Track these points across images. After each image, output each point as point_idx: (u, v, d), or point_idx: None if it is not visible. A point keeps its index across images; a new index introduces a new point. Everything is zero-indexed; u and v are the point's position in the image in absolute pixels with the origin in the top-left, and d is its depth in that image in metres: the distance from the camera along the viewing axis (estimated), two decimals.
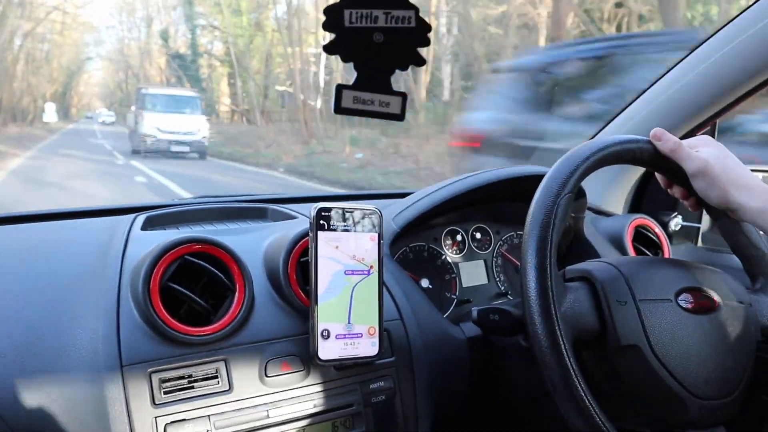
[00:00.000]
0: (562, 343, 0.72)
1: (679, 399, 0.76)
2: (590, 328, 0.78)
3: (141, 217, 1.06)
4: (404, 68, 0.66)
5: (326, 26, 0.64)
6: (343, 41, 0.65)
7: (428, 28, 0.65)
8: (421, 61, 0.66)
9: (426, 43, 0.66)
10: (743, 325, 0.82)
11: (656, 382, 0.76)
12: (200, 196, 1.36)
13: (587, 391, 0.71)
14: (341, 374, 0.89)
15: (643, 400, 0.78)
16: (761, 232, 0.88)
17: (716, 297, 0.82)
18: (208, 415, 0.80)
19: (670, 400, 0.77)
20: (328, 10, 0.64)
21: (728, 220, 0.88)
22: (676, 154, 0.83)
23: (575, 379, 0.71)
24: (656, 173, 0.91)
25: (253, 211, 1.19)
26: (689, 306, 0.80)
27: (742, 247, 0.90)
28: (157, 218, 1.08)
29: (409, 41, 0.66)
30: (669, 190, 0.91)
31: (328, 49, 0.65)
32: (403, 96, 0.68)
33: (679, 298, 0.80)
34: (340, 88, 0.67)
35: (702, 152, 0.83)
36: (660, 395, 0.77)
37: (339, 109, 0.67)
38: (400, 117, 0.68)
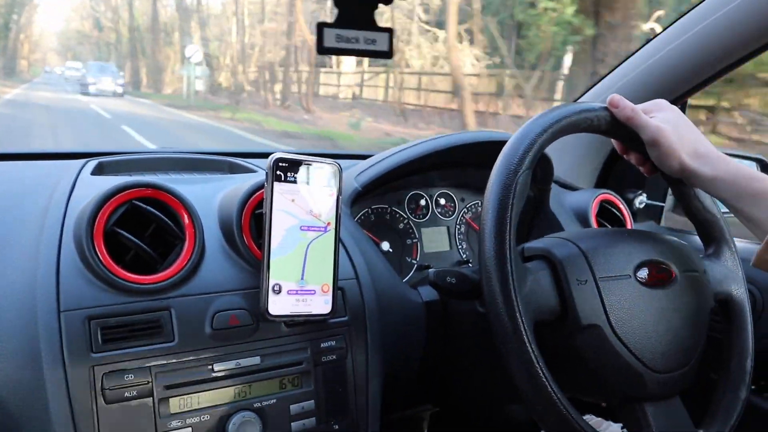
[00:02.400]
0: (523, 329, 0.71)
1: (638, 374, 0.77)
2: (551, 308, 0.77)
3: (92, 163, 1.01)
4: (388, 2, 0.63)
5: None
6: None
7: None
8: None
9: None
10: (698, 295, 0.83)
11: (615, 358, 0.76)
12: (159, 148, 1.31)
13: (549, 377, 0.71)
14: (291, 331, 0.87)
15: (602, 376, 0.78)
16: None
17: (673, 268, 0.82)
18: (149, 366, 0.77)
19: (629, 376, 0.77)
20: None
21: (682, 186, 0.88)
22: (632, 121, 0.82)
23: (537, 365, 0.71)
24: (612, 140, 0.90)
25: (212, 163, 1.15)
26: (647, 280, 0.80)
27: (696, 213, 0.90)
28: (110, 165, 1.04)
29: None
30: (625, 156, 0.91)
31: None
32: (390, 31, 0.65)
33: (638, 272, 0.80)
34: (321, 26, 0.63)
35: (657, 118, 0.82)
36: (619, 371, 0.77)
37: (322, 49, 0.64)
38: (388, 54, 0.66)
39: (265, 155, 1.23)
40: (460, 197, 1.29)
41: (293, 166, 0.82)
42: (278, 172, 0.81)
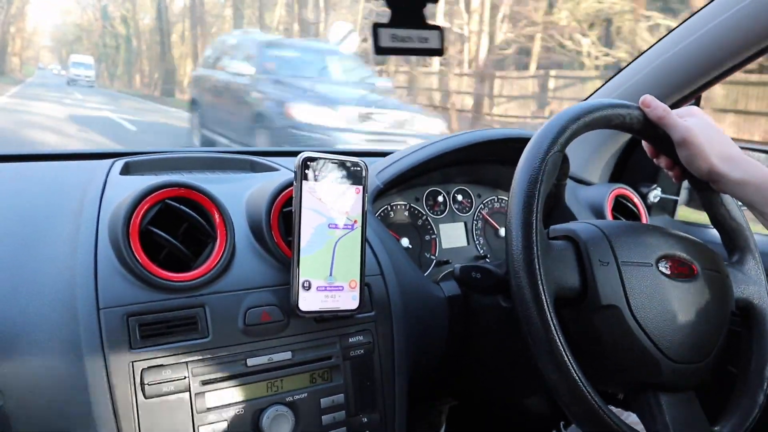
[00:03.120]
0: (544, 297, 0.72)
1: (654, 360, 0.78)
2: (572, 285, 0.79)
3: (120, 162, 1.03)
4: (435, 1, 0.65)
5: None
6: None
7: None
8: None
9: None
10: (719, 295, 0.84)
11: (632, 342, 0.77)
12: (184, 148, 1.33)
13: (566, 347, 0.72)
14: (321, 326, 0.89)
15: (619, 360, 0.79)
16: (741, 206, 0.90)
17: (695, 265, 0.83)
18: (186, 362, 0.79)
19: (645, 361, 0.78)
20: None
21: (710, 192, 0.89)
22: (664, 121, 0.83)
23: (555, 334, 0.72)
24: (643, 141, 0.91)
25: (236, 162, 1.17)
26: (669, 272, 0.81)
27: (722, 220, 0.91)
28: (136, 164, 1.06)
29: None
30: (655, 160, 0.92)
31: None
32: (440, 29, 0.66)
33: (660, 263, 0.81)
34: (376, 27, 0.65)
35: (688, 121, 0.83)
36: (635, 355, 0.78)
37: (379, 49, 0.65)
38: (440, 51, 0.67)
39: (286, 153, 1.26)
40: (476, 193, 1.31)
41: (320, 164, 0.84)
42: (306, 171, 0.83)
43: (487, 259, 1.28)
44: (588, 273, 0.78)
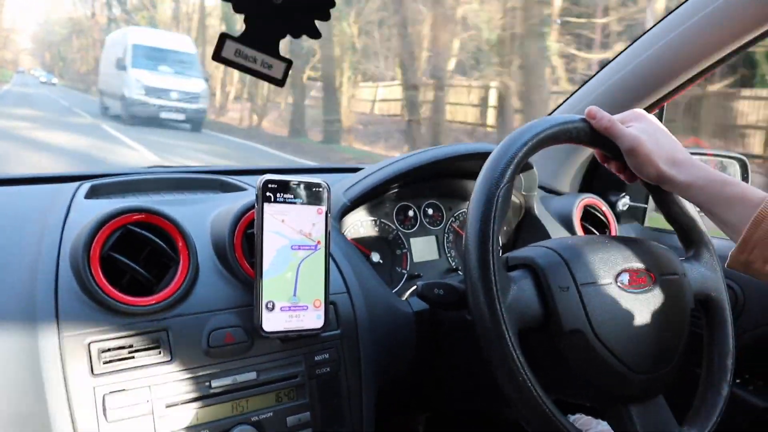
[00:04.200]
0: (508, 336, 0.73)
1: (621, 376, 0.79)
2: (534, 315, 0.80)
3: (85, 185, 1.04)
4: (297, 36, 0.64)
5: None
6: None
7: (332, 3, 0.64)
8: (316, 34, 0.64)
9: (326, 17, 0.64)
10: (678, 297, 0.86)
11: (599, 362, 0.79)
12: (150, 167, 1.33)
13: (534, 381, 0.74)
14: (285, 346, 0.89)
15: (586, 378, 0.81)
16: None
17: (653, 272, 0.85)
18: (149, 386, 0.80)
19: (612, 378, 0.80)
20: None
21: (662, 192, 0.91)
22: (610, 131, 0.85)
23: (522, 371, 0.73)
24: (594, 150, 0.93)
25: (203, 182, 1.17)
26: (628, 285, 0.83)
27: (675, 217, 0.93)
28: (103, 187, 1.06)
29: (309, 11, 0.64)
30: (605, 165, 0.94)
31: None
32: (288, 62, 0.65)
33: (618, 278, 0.83)
34: (223, 37, 0.63)
35: (634, 128, 0.85)
36: (603, 373, 0.80)
37: (218, 58, 0.63)
38: (280, 82, 0.66)
39: (255, 172, 1.26)
40: (447, 206, 1.32)
41: (282, 186, 0.85)
42: (267, 194, 0.84)
43: (459, 272, 1.29)
44: (549, 300, 0.80)
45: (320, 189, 0.88)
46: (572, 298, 0.80)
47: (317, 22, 0.65)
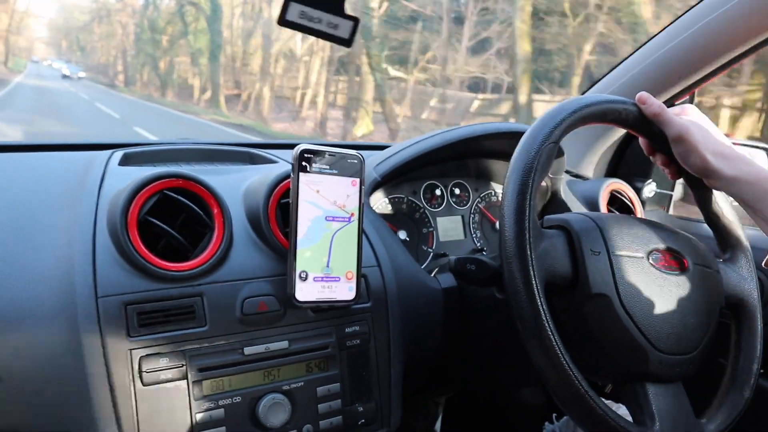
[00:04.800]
0: (534, 282, 0.73)
1: (642, 349, 0.79)
2: (563, 273, 0.80)
3: (119, 153, 1.04)
4: None
5: None
6: None
7: None
8: None
9: None
10: (709, 289, 0.85)
11: (621, 331, 0.79)
12: (181, 139, 1.34)
13: (555, 332, 0.73)
14: (317, 317, 0.90)
15: (607, 348, 0.81)
16: (734, 203, 0.91)
17: (686, 259, 0.85)
18: (183, 350, 0.80)
19: (633, 350, 0.79)
20: None
21: (704, 189, 0.90)
22: (659, 118, 0.85)
23: (544, 319, 0.73)
24: (640, 139, 0.92)
25: (234, 154, 1.18)
26: (660, 264, 0.83)
27: (714, 218, 0.92)
28: (136, 155, 1.07)
29: None
30: (651, 157, 0.93)
31: None
32: (355, 20, 0.65)
33: (651, 256, 0.83)
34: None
35: (684, 119, 0.85)
36: (623, 344, 0.79)
37: (283, 21, 0.63)
38: (348, 42, 0.66)
39: (285, 146, 1.27)
40: (474, 187, 1.32)
41: (318, 157, 0.85)
42: (303, 163, 0.84)
43: (484, 252, 1.29)
44: (579, 262, 0.80)
45: (356, 161, 0.88)
46: (602, 263, 0.80)
47: None
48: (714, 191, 0.90)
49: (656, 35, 1.32)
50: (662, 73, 1.29)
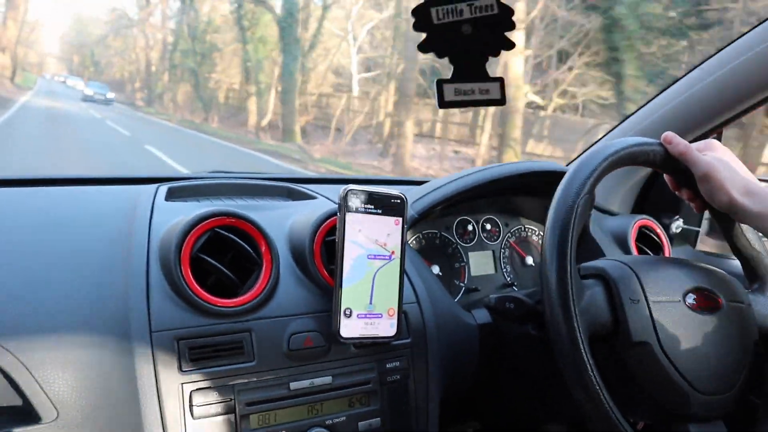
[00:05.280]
0: (580, 338, 0.76)
1: (683, 393, 0.81)
2: (604, 323, 0.83)
3: (163, 188, 1.07)
4: (496, 54, 0.69)
5: (417, 27, 0.67)
6: (435, 38, 0.68)
7: (511, 12, 0.68)
8: (510, 45, 0.69)
9: (511, 26, 0.69)
10: (743, 325, 0.87)
11: (663, 376, 0.81)
12: (216, 171, 1.37)
13: (601, 384, 0.76)
14: (359, 352, 0.92)
15: (649, 393, 0.82)
16: (761, 236, 0.92)
17: (720, 297, 0.87)
18: (232, 384, 0.83)
19: (675, 394, 0.81)
20: (415, 12, 0.66)
21: (730, 222, 0.92)
22: (685, 156, 0.87)
23: (591, 373, 0.76)
24: (665, 175, 0.94)
25: (271, 188, 1.21)
26: (695, 305, 0.85)
27: (743, 249, 0.94)
28: (179, 190, 1.10)
29: (496, 27, 0.69)
30: (677, 192, 0.95)
31: (423, 47, 0.68)
32: (501, 81, 0.70)
33: (687, 297, 0.85)
34: (440, 83, 0.69)
35: (709, 156, 0.86)
36: (665, 389, 0.81)
37: (443, 104, 0.69)
38: (501, 101, 0.71)
39: (321, 180, 1.30)
40: (504, 222, 1.34)
41: (363, 196, 0.87)
42: (349, 203, 0.87)
43: (515, 287, 1.31)
44: (619, 311, 0.82)
45: (399, 201, 0.91)
46: (642, 311, 0.82)
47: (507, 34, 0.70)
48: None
49: (684, 75, 1.34)
50: (688, 114, 1.31)
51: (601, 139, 1.56)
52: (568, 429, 1.43)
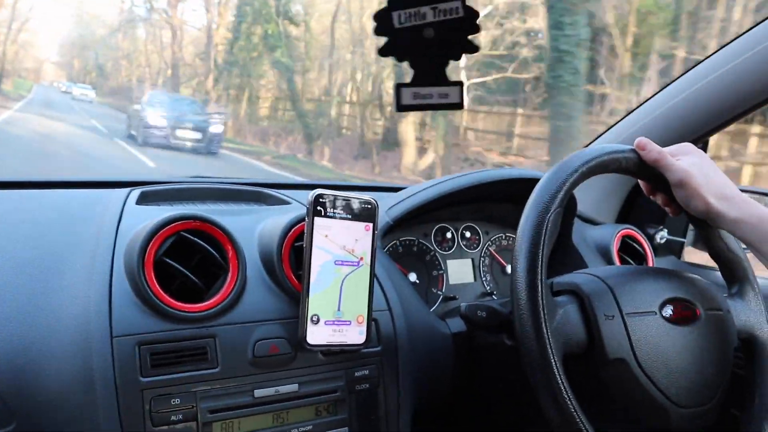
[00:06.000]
0: (553, 360, 0.74)
1: (662, 408, 0.79)
2: (579, 342, 0.81)
3: (136, 192, 1.06)
4: (458, 58, 0.68)
5: (377, 31, 0.66)
6: (396, 43, 0.67)
7: (476, 14, 0.67)
8: (474, 48, 0.68)
9: (476, 30, 0.68)
10: (722, 333, 0.86)
11: (641, 392, 0.79)
12: (194, 176, 1.36)
13: (577, 407, 0.74)
14: (327, 360, 0.90)
15: (627, 409, 0.81)
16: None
17: (698, 306, 0.85)
18: (195, 391, 0.81)
19: (654, 410, 0.80)
20: (377, 16, 0.66)
21: (707, 227, 0.90)
22: (659, 163, 0.85)
23: (565, 395, 0.74)
24: (639, 181, 0.93)
25: (248, 194, 1.19)
26: (672, 317, 0.83)
27: (720, 253, 0.93)
28: (152, 194, 1.09)
29: (459, 31, 0.68)
30: (651, 197, 0.94)
31: (383, 51, 0.68)
32: (459, 84, 0.70)
33: (663, 309, 0.83)
34: (399, 87, 0.69)
35: (683, 162, 0.85)
36: (644, 405, 0.80)
37: (400, 107, 0.69)
38: (460, 105, 0.70)
39: (296, 186, 1.28)
40: (484, 230, 1.33)
41: (333, 201, 0.86)
42: (318, 208, 0.85)
43: (494, 296, 1.30)
44: (594, 328, 0.80)
45: (370, 206, 0.89)
46: (617, 327, 0.80)
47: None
48: None
49: (670, 83, 1.34)
50: (673, 123, 1.30)
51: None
52: None
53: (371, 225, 0.90)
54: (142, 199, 1.05)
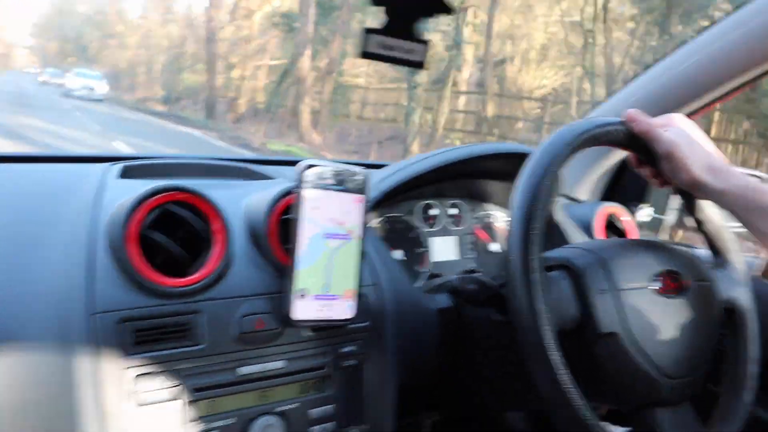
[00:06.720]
0: (548, 335, 0.74)
1: (653, 380, 0.80)
2: (572, 316, 0.81)
3: (118, 165, 1.03)
4: (431, 15, 0.67)
5: None
6: None
7: None
8: (448, 10, 0.67)
9: None
10: (710, 304, 0.87)
11: (632, 365, 0.79)
12: (177, 154, 1.32)
13: (571, 381, 0.74)
14: (314, 336, 0.88)
15: (619, 382, 0.81)
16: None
17: (686, 278, 0.86)
18: (178, 369, 0.79)
19: (644, 382, 0.80)
20: None
21: (692, 198, 0.91)
22: (648, 135, 0.85)
23: (562, 372, 0.74)
24: (626, 152, 0.93)
25: (232, 169, 1.17)
26: (663, 289, 0.84)
27: (704, 223, 0.93)
28: (135, 168, 1.05)
29: None
30: (637, 169, 0.94)
31: None
32: (425, 43, 0.68)
33: (654, 282, 0.84)
34: (367, 32, 0.66)
35: (671, 132, 0.85)
36: (634, 377, 0.80)
37: (364, 54, 0.67)
38: (421, 65, 0.69)
39: (284, 162, 1.26)
40: (470, 207, 1.32)
41: (322, 173, 0.84)
42: (308, 178, 0.83)
43: (479, 274, 1.29)
44: (587, 302, 0.80)
45: (360, 178, 0.87)
46: (610, 301, 0.80)
47: None
48: None
49: (667, 57, 1.33)
50: (673, 95, 1.30)
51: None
52: (528, 416, 1.42)
53: (362, 198, 0.88)
54: (125, 173, 1.02)
